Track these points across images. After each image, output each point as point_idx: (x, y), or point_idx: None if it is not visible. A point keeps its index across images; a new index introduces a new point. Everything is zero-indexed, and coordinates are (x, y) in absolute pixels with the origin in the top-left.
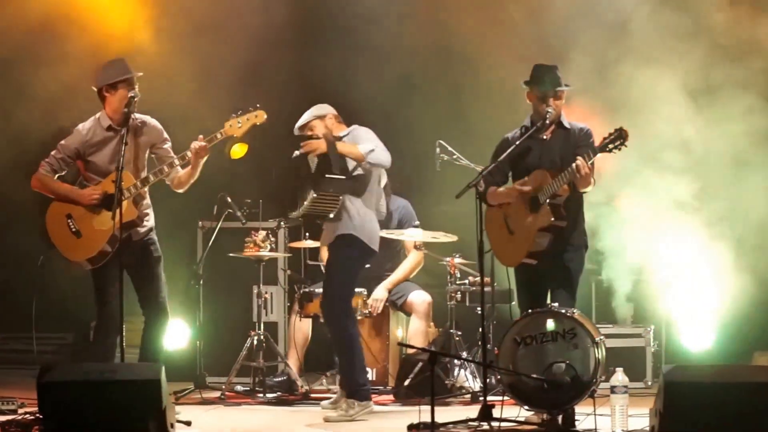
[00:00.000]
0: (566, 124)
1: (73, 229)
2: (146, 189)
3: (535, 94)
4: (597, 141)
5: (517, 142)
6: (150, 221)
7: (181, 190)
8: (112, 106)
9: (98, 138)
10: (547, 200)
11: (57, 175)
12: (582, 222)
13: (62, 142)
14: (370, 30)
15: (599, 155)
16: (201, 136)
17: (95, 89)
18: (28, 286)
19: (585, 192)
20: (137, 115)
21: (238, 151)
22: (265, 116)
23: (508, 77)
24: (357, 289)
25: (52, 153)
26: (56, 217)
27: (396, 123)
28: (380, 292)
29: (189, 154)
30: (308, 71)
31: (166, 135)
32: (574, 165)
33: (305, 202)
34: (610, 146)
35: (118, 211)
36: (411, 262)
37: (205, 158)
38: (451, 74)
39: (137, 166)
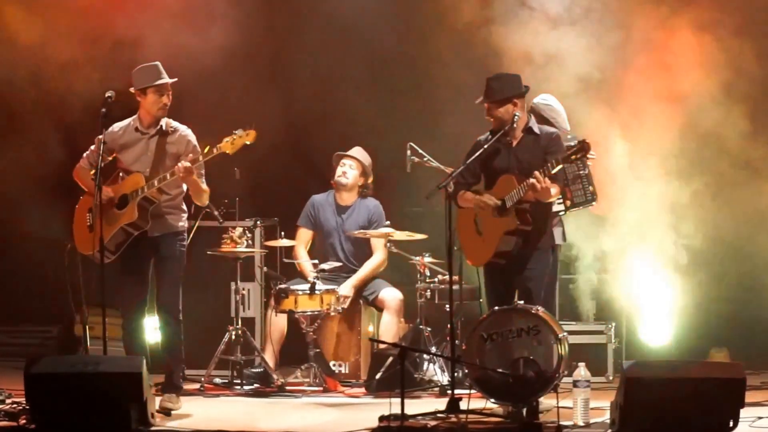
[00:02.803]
0: (536, 129)
1: (89, 223)
2: (156, 193)
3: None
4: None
5: (485, 146)
6: (171, 222)
7: (200, 203)
8: (144, 109)
9: (128, 137)
10: (514, 205)
11: (93, 170)
12: (547, 225)
13: (98, 137)
14: (342, 31)
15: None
16: (190, 156)
17: (132, 91)
18: (7, 277)
19: (549, 201)
20: (174, 123)
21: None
22: (254, 135)
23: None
24: (329, 287)
25: (91, 147)
26: (82, 209)
27: (367, 125)
28: (345, 290)
29: (175, 170)
30: (279, 72)
31: (194, 146)
32: (528, 181)
33: None
34: (573, 157)
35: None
36: (376, 260)
37: (193, 176)
38: (421, 76)
39: (158, 170)
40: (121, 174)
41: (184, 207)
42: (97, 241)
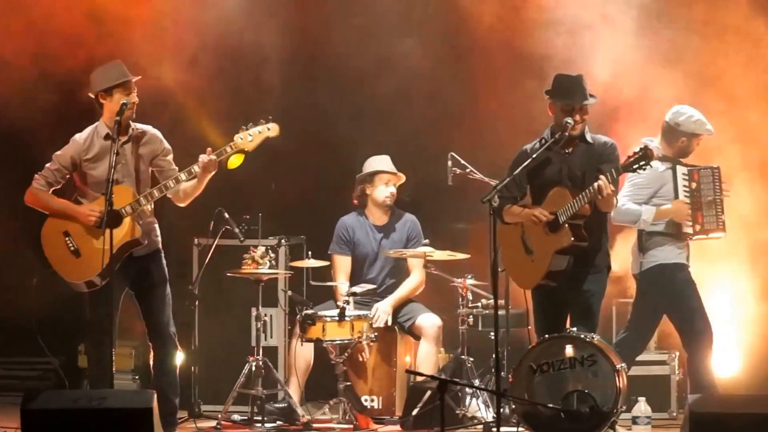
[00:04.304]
0: (589, 138)
1: (72, 248)
2: (150, 205)
3: (559, 106)
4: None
5: (534, 155)
6: (155, 238)
7: (182, 204)
8: (110, 113)
9: (96, 149)
10: (568, 220)
11: (52, 189)
12: (606, 242)
13: (57, 152)
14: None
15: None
16: (209, 149)
17: (92, 96)
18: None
19: (609, 212)
20: (137, 125)
21: (235, 161)
22: (278, 129)
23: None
24: (362, 312)
25: (47, 165)
26: (53, 234)
27: (403, 134)
28: (385, 306)
29: (196, 168)
30: (308, 81)
31: (167, 145)
32: (595, 185)
33: None
34: (635, 166)
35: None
36: (415, 280)
37: (212, 173)
38: (466, 82)
39: (139, 179)
40: (78, 195)
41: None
42: (93, 266)
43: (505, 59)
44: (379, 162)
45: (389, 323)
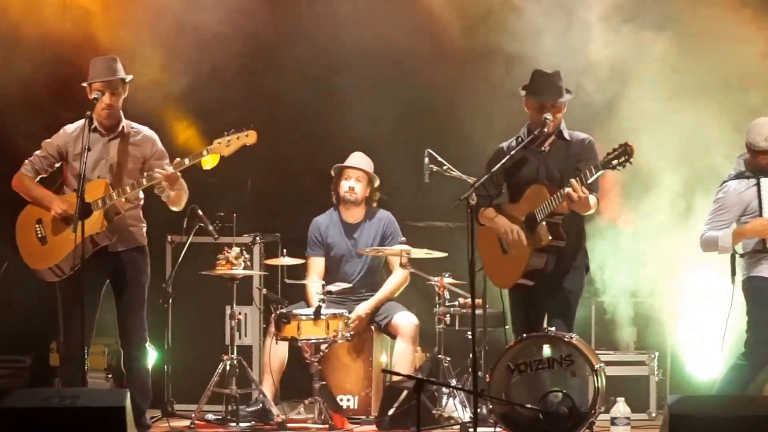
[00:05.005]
0: (566, 135)
1: (39, 235)
2: (124, 201)
3: (532, 103)
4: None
5: (512, 153)
6: (135, 235)
7: (175, 209)
8: (96, 107)
9: (85, 137)
10: (545, 218)
11: (39, 177)
12: (583, 241)
13: (47, 140)
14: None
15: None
16: (177, 159)
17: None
18: None
19: (588, 213)
20: (134, 125)
21: (210, 160)
22: (256, 137)
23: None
24: (337, 311)
25: (36, 152)
26: (27, 220)
27: (380, 130)
28: (362, 309)
29: (157, 175)
30: (284, 78)
31: (160, 148)
32: (564, 191)
33: None
34: (614, 162)
35: (79, 225)
36: (396, 280)
37: (178, 179)
38: (441, 79)
39: (121, 177)
40: (65, 186)
41: (143, 219)
42: (54, 255)
43: (482, 56)
44: (349, 158)
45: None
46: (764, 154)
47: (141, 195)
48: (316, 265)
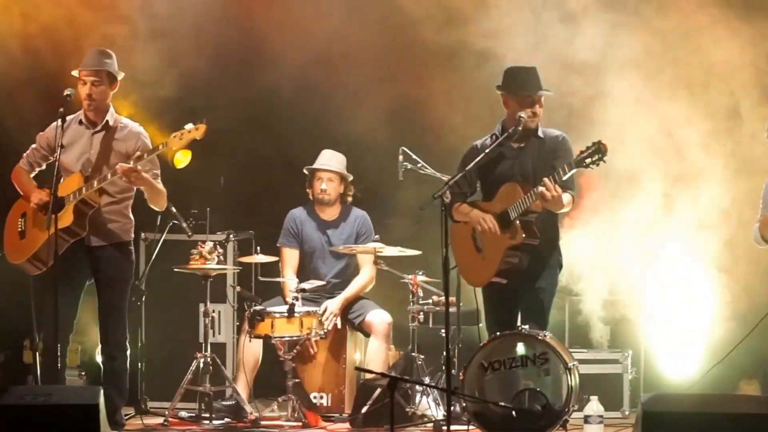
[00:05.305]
0: (540, 132)
1: (20, 229)
2: (95, 195)
3: (515, 99)
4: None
5: (486, 151)
6: (115, 230)
7: (158, 207)
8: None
9: (71, 134)
10: (519, 217)
11: (37, 170)
12: (557, 239)
13: (40, 133)
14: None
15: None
16: (137, 154)
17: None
18: None
19: (564, 211)
20: (124, 120)
21: (182, 159)
22: (204, 130)
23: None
24: (311, 309)
25: (33, 145)
26: (15, 214)
27: (354, 128)
28: (334, 305)
29: (117, 170)
30: (257, 75)
31: (144, 144)
32: (537, 190)
33: None
34: (588, 161)
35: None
36: (365, 277)
37: (145, 175)
38: (418, 77)
39: (102, 170)
40: (63, 177)
41: (131, 216)
42: (29, 248)
43: (455, 53)
44: (320, 157)
45: (339, 326)
46: None
47: (132, 191)
48: (291, 256)
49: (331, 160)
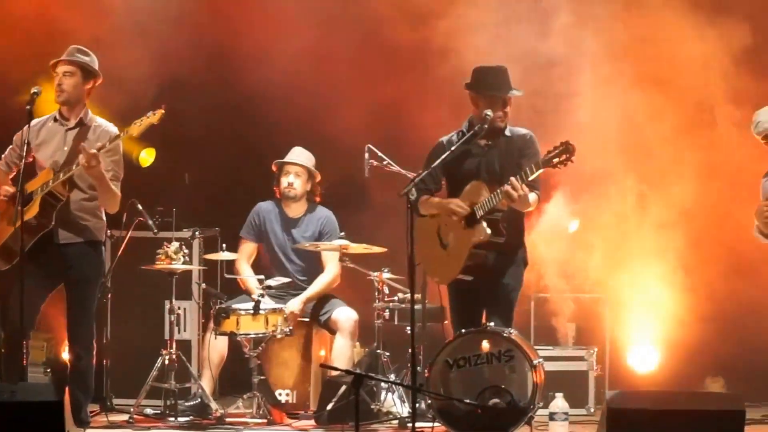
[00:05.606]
0: (507, 131)
1: None
2: (61, 188)
3: (483, 99)
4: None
5: (452, 148)
6: (84, 228)
7: (108, 209)
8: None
9: (45, 132)
10: (485, 215)
11: (15, 170)
12: (522, 237)
13: (17, 132)
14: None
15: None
16: (98, 144)
17: None
18: None
19: (528, 210)
20: (99, 120)
21: (146, 158)
22: (161, 115)
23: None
24: (276, 306)
25: (10, 146)
26: None
27: (320, 125)
28: (294, 305)
29: (81, 158)
30: (224, 74)
31: (115, 143)
32: (504, 189)
33: None
34: (555, 161)
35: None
36: (328, 275)
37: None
38: (385, 75)
39: (72, 168)
40: (38, 173)
41: (104, 217)
42: None
43: (422, 53)
44: (290, 153)
45: (307, 318)
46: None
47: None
48: (247, 248)
49: (300, 155)
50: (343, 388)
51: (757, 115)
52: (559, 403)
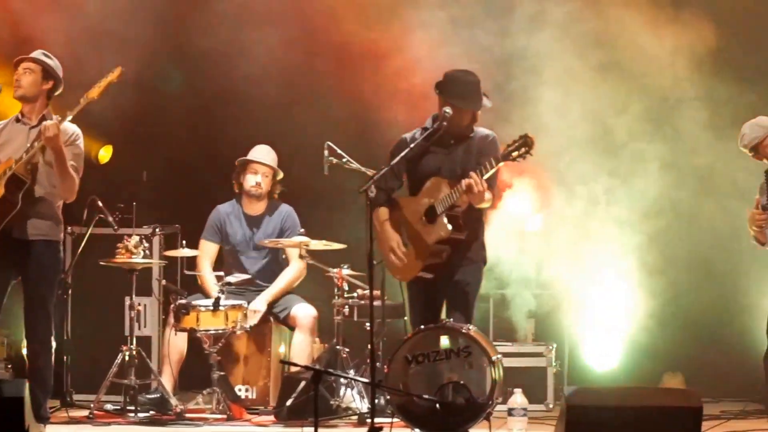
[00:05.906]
0: (468, 131)
1: None
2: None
3: (453, 107)
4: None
5: (412, 145)
6: (40, 225)
7: (64, 196)
8: None
9: (8, 132)
10: (445, 211)
11: None
12: (482, 234)
13: None
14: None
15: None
16: (58, 117)
17: None
18: None
19: (483, 207)
20: (59, 118)
21: (105, 155)
22: (120, 72)
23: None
24: (236, 302)
25: None
26: None
27: (279, 122)
28: (258, 304)
29: (36, 144)
30: (183, 72)
31: (71, 138)
32: (464, 183)
33: None
34: (514, 154)
35: None
36: (292, 272)
37: (54, 142)
38: (346, 73)
39: (36, 166)
40: None
41: (61, 218)
42: None
43: (376, 50)
44: (255, 151)
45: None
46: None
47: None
48: (208, 249)
49: (267, 155)
50: (303, 383)
51: (743, 128)
52: (517, 399)
